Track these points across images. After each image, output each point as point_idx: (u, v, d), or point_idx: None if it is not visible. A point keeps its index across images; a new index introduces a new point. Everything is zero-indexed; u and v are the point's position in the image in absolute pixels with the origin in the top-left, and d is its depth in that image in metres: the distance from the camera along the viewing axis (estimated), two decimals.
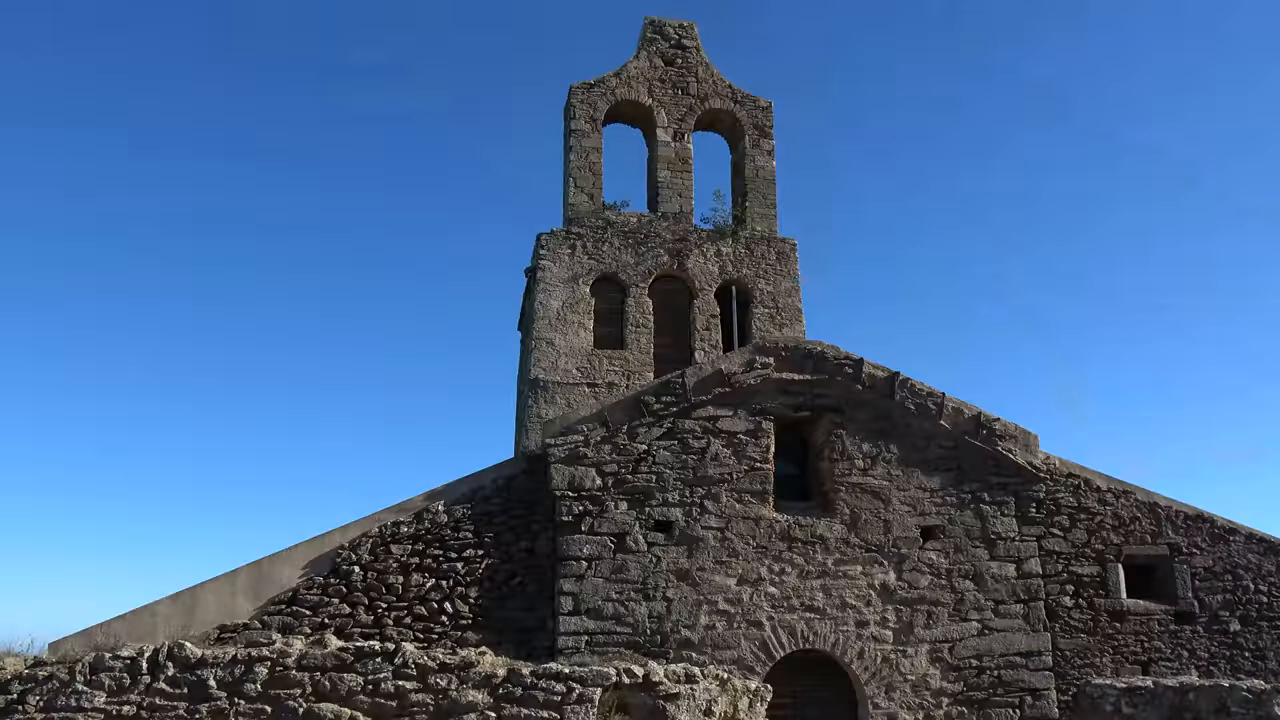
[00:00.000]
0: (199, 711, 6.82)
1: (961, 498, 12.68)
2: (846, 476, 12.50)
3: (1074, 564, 12.89)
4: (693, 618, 11.66)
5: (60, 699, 6.68)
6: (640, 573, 11.72)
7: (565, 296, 16.97)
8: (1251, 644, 13.05)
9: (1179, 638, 12.89)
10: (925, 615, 12.15)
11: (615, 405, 12.40)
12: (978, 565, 12.45)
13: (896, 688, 11.82)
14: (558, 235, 17.41)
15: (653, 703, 7.34)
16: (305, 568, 11.54)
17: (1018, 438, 12.96)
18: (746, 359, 12.66)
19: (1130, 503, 13.35)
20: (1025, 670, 12.15)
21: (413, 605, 11.52)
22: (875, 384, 12.79)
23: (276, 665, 7.04)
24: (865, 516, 12.39)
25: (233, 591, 11.29)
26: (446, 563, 11.75)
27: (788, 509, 12.41)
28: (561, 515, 11.84)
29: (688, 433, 12.33)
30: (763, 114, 18.89)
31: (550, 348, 16.66)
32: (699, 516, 12.03)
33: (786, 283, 17.89)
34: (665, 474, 12.12)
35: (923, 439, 12.81)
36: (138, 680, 6.88)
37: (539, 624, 11.69)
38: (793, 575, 12.01)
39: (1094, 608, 12.77)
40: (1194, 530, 13.39)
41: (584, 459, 12.05)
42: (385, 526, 11.83)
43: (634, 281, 17.28)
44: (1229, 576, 13.28)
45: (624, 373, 16.65)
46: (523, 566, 11.90)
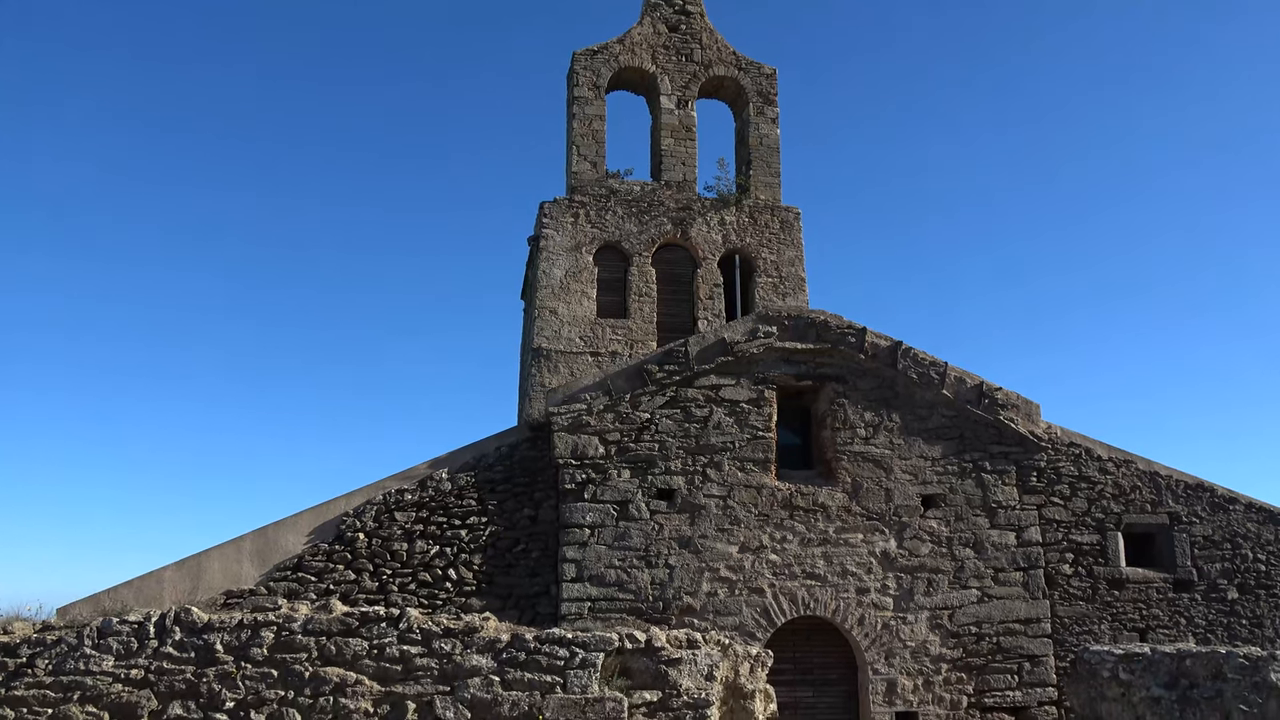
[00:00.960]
0: (206, 675, 6.90)
1: (963, 466, 12.72)
2: (848, 445, 12.54)
3: (1074, 532, 12.96)
4: (695, 584, 11.75)
5: (69, 662, 6.76)
6: (643, 540, 11.81)
7: (568, 265, 16.93)
8: (1249, 612, 13.15)
9: (1177, 605, 12.99)
10: (925, 583, 12.24)
11: (618, 374, 12.42)
12: (978, 533, 12.53)
13: (896, 654, 11.94)
14: (560, 204, 17.33)
15: (655, 667, 7.42)
16: (310, 534, 11.63)
17: (1019, 407, 12.97)
18: (749, 328, 12.65)
19: (1131, 472, 13.40)
20: (1024, 637, 12.27)
21: (417, 572, 11.63)
22: (878, 353, 12.79)
23: (282, 630, 7.11)
24: (867, 485, 12.45)
25: (239, 558, 11.40)
26: (450, 530, 11.84)
27: (789, 477, 12.47)
28: (564, 483, 11.90)
29: (690, 401, 12.36)
30: (767, 81, 18.71)
31: (553, 317, 16.65)
32: (701, 485, 12.09)
33: (790, 252, 17.81)
34: (668, 442, 12.17)
35: (925, 408, 12.83)
36: (145, 644, 6.96)
37: (542, 590, 11.80)
38: (794, 543, 12.09)
39: (1093, 576, 12.86)
40: (1194, 499, 13.45)
41: (587, 427, 12.09)
42: (389, 494, 11.91)
43: (637, 250, 17.22)
44: (1228, 545, 13.35)
45: (627, 342, 16.65)
46: (526, 534, 11.99)
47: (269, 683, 6.93)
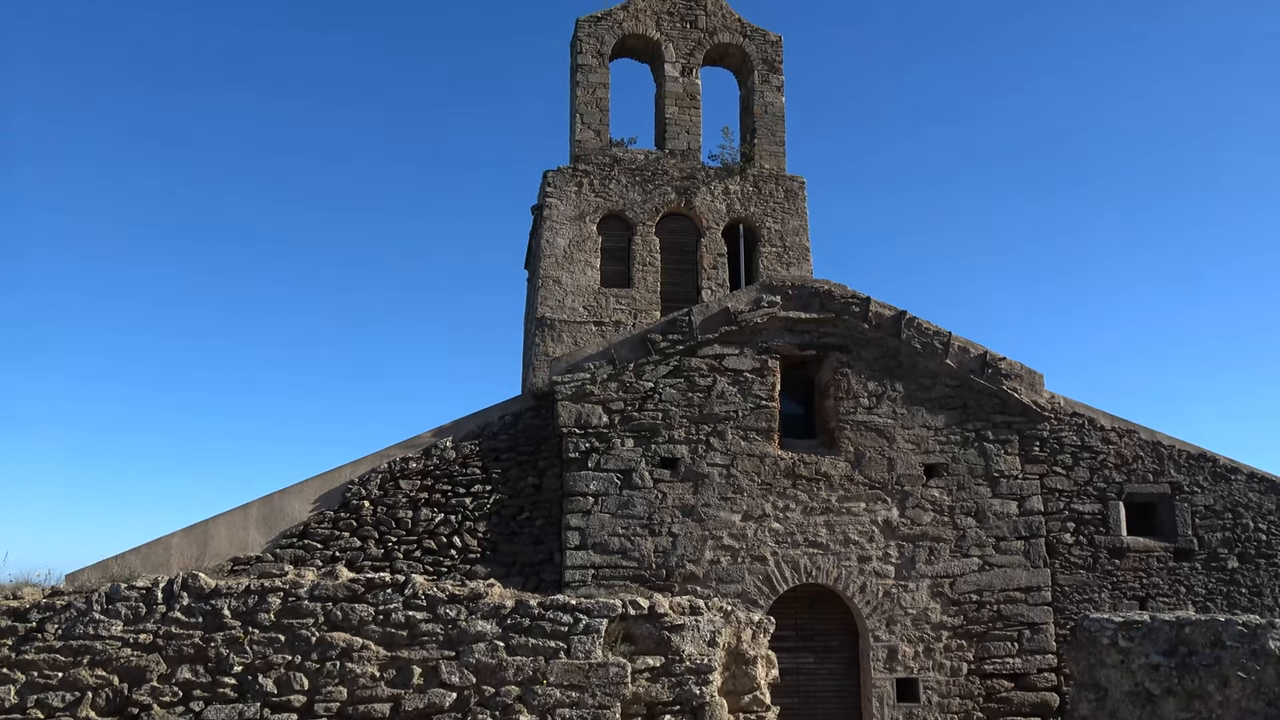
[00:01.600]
0: (214, 640, 6.98)
1: (965, 436, 12.74)
2: (851, 415, 12.56)
3: (1075, 502, 13.01)
4: (698, 552, 11.83)
5: (78, 627, 6.84)
6: (646, 508, 11.87)
7: (572, 235, 16.87)
8: (1249, 581, 13.22)
9: (1177, 574, 13.06)
10: (927, 551, 12.31)
11: (622, 343, 12.42)
12: (980, 503, 12.57)
13: (897, 621, 12.04)
14: (564, 173, 17.24)
15: (658, 633, 7.48)
16: (316, 502, 11.71)
17: (1023, 377, 12.97)
18: (753, 297, 12.62)
19: (1133, 441, 13.41)
20: (1024, 605, 12.35)
21: (422, 539, 11.71)
22: (881, 323, 12.77)
23: (289, 596, 7.17)
24: (869, 454, 12.48)
25: (245, 525, 11.49)
26: (455, 498, 11.91)
27: (793, 446, 12.50)
28: (568, 452, 11.95)
29: (694, 371, 12.37)
30: (772, 48, 18.51)
31: (557, 286, 16.62)
32: (705, 453, 12.13)
33: (794, 221, 17.73)
34: (671, 411, 12.19)
35: (928, 378, 12.83)
36: (153, 610, 7.03)
37: (546, 558, 11.89)
38: (797, 511, 12.15)
39: (1094, 545, 12.92)
40: (1196, 469, 13.47)
41: (591, 396, 12.11)
42: (394, 462, 11.97)
43: (641, 220, 17.15)
44: (1229, 514, 13.40)
45: (631, 311, 16.63)
46: (530, 502, 12.06)
47: (276, 647, 7.00)
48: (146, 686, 6.76)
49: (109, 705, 6.71)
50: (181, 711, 6.75)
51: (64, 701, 6.66)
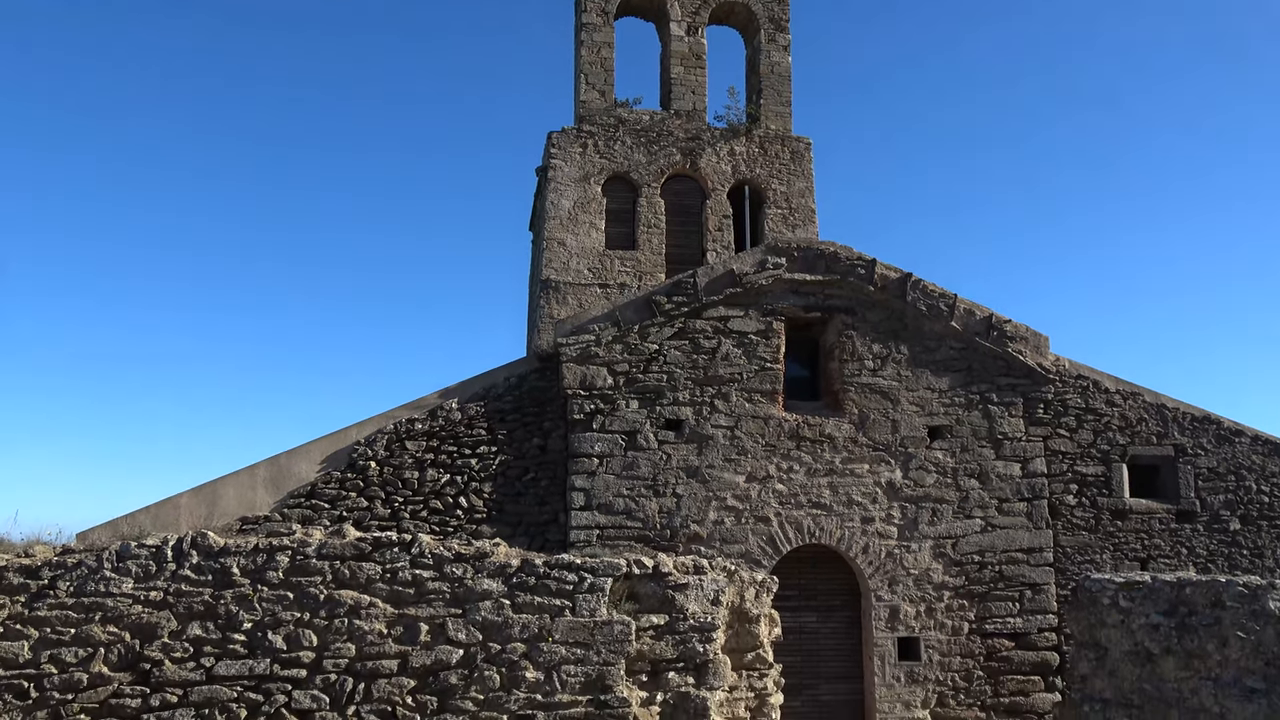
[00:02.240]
0: (224, 597, 7.06)
1: (970, 398, 12.75)
2: (856, 377, 12.56)
3: (1079, 464, 13.04)
4: (702, 513, 11.91)
5: (89, 584, 6.92)
6: (651, 470, 11.93)
7: (576, 196, 16.77)
8: (1250, 542, 13.28)
9: (1179, 536, 13.13)
10: (930, 512, 12.38)
11: (626, 305, 12.40)
12: (983, 464, 12.61)
13: (899, 581, 12.14)
14: (569, 134, 17.09)
15: (662, 592, 7.55)
16: (323, 462, 11.79)
17: (1028, 339, 12.94)
18: (758, 259, 12.57)
19: (1138, 404, 13.41)
20: (1026, 566, 12.44)
21: (428, 499, 11.80)
22: (887, 285, 12.72)
23: (297, 554, 7.24)
24: (874, 416, 12.50)
25: (253, 485, 11.58)
26: (460, 459, 11.98)
27: (797, 408, 12.53)
28: (573, 413, 11.99)
29: (699, 333, 12.36)
30: (779, 7, 18.23)
31: (561, 248, 16.56)
32: (709, 415, 12.16)
33: (800, 183, 17.60)
34: (676, 373, 12.20)
35: (933, 340, 12.80)
36: (163, 567, 7.10)
37: (551, 518, 11.98)
38: (800, 473, 12.20)
39: (1096, 506, 12.97)
40: (1200, 431, 13.48)
41: (595, 358, 12.12)
42: (400, 423, 12.02)
43: (646, 181, 17.03)
44: (1232, 477, 13.43)
45: (635, 273, 16.58)
46: (535, 463, 12.12)
47: (285, 604, 7.09)
48: (158, 643, 6.86)
49: (121, 661, 6.81)
50: (193, 667, 6.85)
51: (77, 657, 6.76)
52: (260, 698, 6.84)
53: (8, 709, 6.55)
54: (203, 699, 6.80)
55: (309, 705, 6.86)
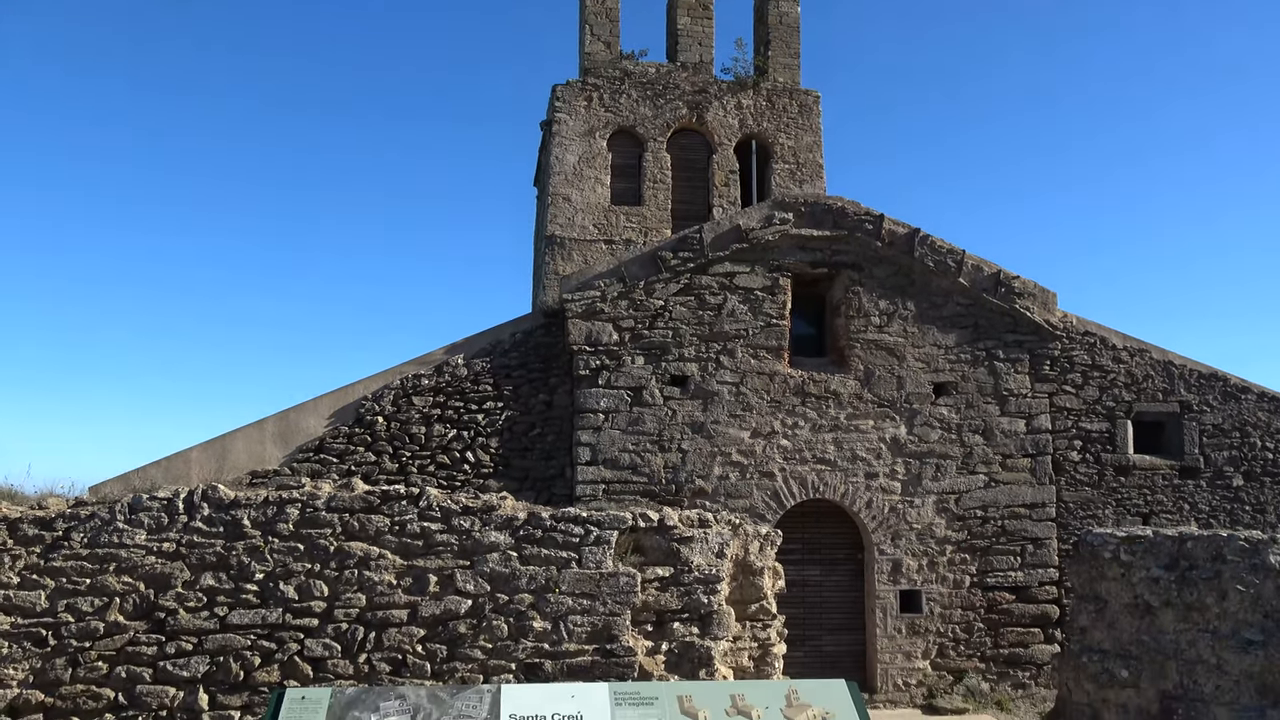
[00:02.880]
0: (235, 549, 7.16)
1: (976, 355, 12.74)
2: (862, 333, 12.55)
3: (1084, 420, 13.06)
4: (707, 468, 11.99)
5: (103, 536, 7.02)
6: (656, 425, 11.99)
7: (581, 151, 16.63)
8: (1253, 498, 13.34)
9: (1181, 491, 13.19)
10: (934, 468, 12.44)
11: (632, 261, 12.36)
12: (988, 421, 12.64)
13: (902, 535, 12.25)
14: (573, 87, 16.90)
15: (667, 545, 7.64)
16: (330, 418, 11.87)
17: (1036, 295, 12.89)
18: (765, 214, 12.49)
19: (1145, 361, 13.39)
20: (1029, 521, 12.53)
21: (435, 454, 11.89)
22: (895, 240, 12.64)
23: (307, 507, 7.32)
24: (879, 372, 12.51)
25: (262, 440, 11.68)
26: (467, 414, 12.05)
27: (802, 365, 12.54)
28: (579, 369, 12.01)
29: (704, 289, 12.33)
30: None
31: (566, 204, 16.47)
32: (714, 371, 12.18)
33: (808, 137, 17.42)
34: (681, 329, 12.20)
35: (940, 296, 12.76)
36: (175, 519, 7.19)
37: (558, 473, 12.07)
38: (805, 429, 12.25)
39: (1100, 462, 13.02)
40: (1206, 388, 13.47)
41: (601, 314, 12.12)
42: (406, 379, 12.07)
43: (652, 135, 16.87)
44: (1236, 434, 13.45)
45: (641, 229, 16.50)
46: (541, 418, 12.19)
47: (295, 556, 7.18)
48: (172, 593, 6.98)
49: (136, 610, 6.93)
50: (207, 616, 6.98)
51: (93, 606, 6.88)
52: (273, 646, 6.97)
53: (27, 656, 6.70)
54: (217, 647, 6.93)
55: (321, 653, 6.99)
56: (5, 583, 6.80)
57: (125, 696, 6.75)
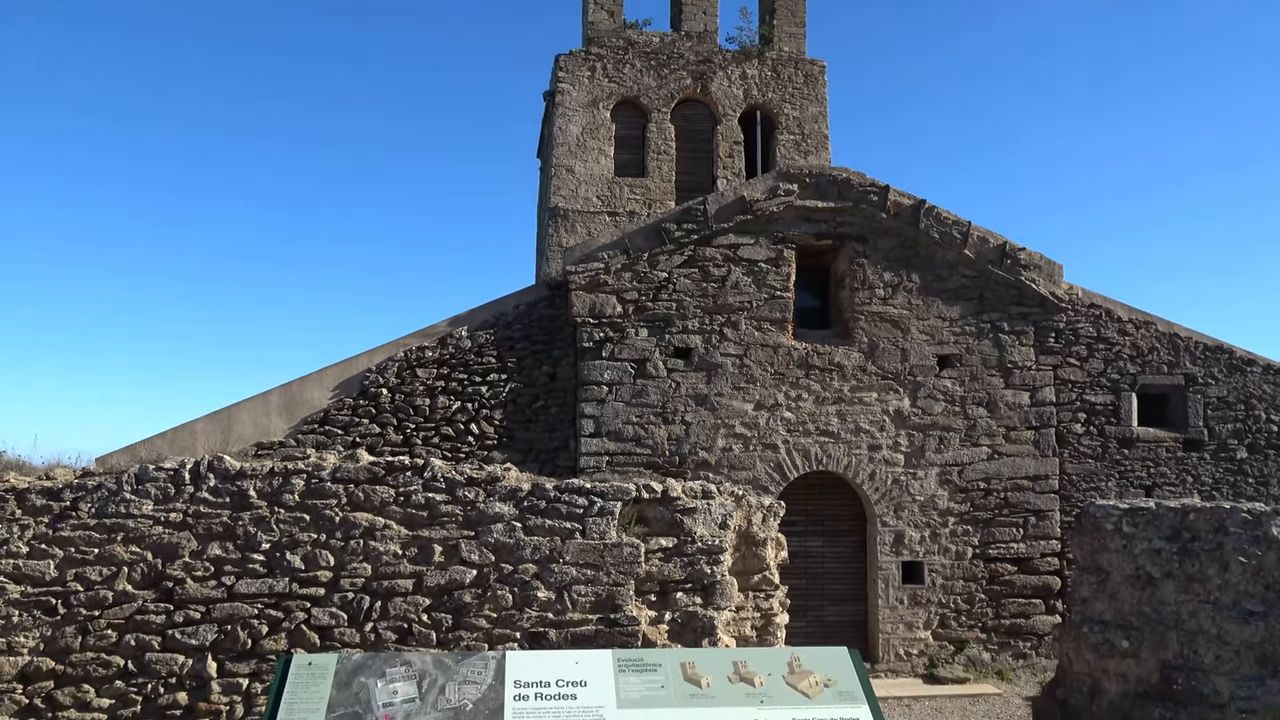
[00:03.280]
0: (241, 519, 7.20)
1: (981, 327, 12.71)
2: (866, 305, 12.52)
3: (1088, 393, 13.05)
4: (710, 440, 12.01)
5: (110, 506, 7.06)
6: (660, 397, 12.00)
7: (585, 122, 16.52)
8: (1256, 471, 13.35)
9: (1185, 464, 13.20)
10: (937, 440, 12.46)
11: (636, 233, 12.32)
12: (992, 393, 12.64)
13: (905, 507, 12.29)
14: (576, 56, 16.75)
15: (671, 516, 7.67)
16: (335, 389, 11.90)
17: (1042, 267, 12.83)
18: (769, 185, 12.42)
19: (1150, 333, 13.35)
20: (1031, 493, 12.56)
21: (440, 426, 11.93)
22: (900, 212, 12.57)
23: (312, 478, 7.35)
24: (883, 345, 12.49)
25: (266, 411, 11.71)
26: (471, 386, 12.07)
27: (806, 337, 12.52)
28: (582, 341, 12.01)
29: (708, 260, 12.29)
30: None
31: (570, 175, 16.38)
32: (718, 344, 12.17)
33: (813, 108, 17.28)
34: (685, 301, 12.18)
35: (945, 268, 12.71)
36: (181, 490, 7.23)
37: (561, 445, 12.11)
38: (809, 401, 12.26)
39: (1104, 435, 13.03)
40: (1212, 361, 13.44)
41: (605, 286, 12.09)
42: (410, 351, 12.08)
43: (656, 106, 16.74)
44: (1241, 406, 13.43)
45: (645, 201, 16.43)
46: (545, 391, 12.20)
47: (301, 526, 7.22)
48: (179, 562, 7.03)
49: (144, 579, 6.99)
50: (214, 585, 7.03)
51: (101, 575, 6.94)
52: (280, 615, 7.03)
53: (37, 624, 6.76)
54: (225, 615, 6.99)
55: (328, 622, 7.05)
56: (14, 552, 6.85)
57: (135, 664, 6.82)
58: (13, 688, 6.64)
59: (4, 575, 6.79)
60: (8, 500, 6.94)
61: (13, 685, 6.65)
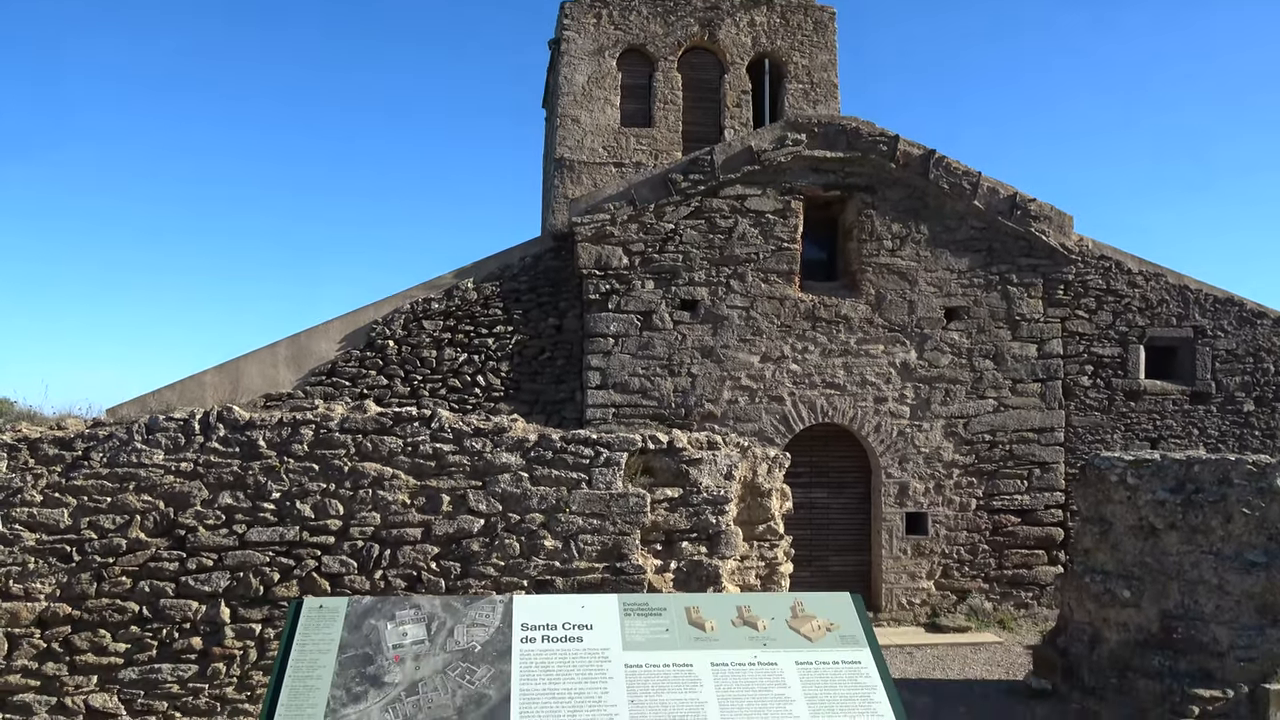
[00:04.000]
0: (251, 469, 7.26)
1: (989, 279, 12.64)
2: (874, 257, 12.44)
3: (1096, 345, 13.02)
4: (716, 392, 12.04)
5: (121, 455, 7.13)
6: (666, 349, 12.01)
7: (590, 71, 16.29)
8: (1263, 424, 13.35)
9: (1191, 417, 13.20)
10: (943, 392, 12.46)
11: (642, 183, 12.22)
12: (999, 345, 12.61)
13: (910, 459, 12.34)
14: (582, 3, 16.47)
15: (676, 466, 7.71)
16: (342, 341, 11.93)
17: (1052, 219, 12.71)
18: (777, 135, 12.28)
19: (1160, 285, 13.27)
20: (1036, 445, 12.60)
21: (447, 378, 11.97)
22: (909, 162, 12.43)
23: (321, 428, 7.40)
24: (890, 297, 12.45)
25: (274, 363, 11.76)
26: (477, 338, 12.09)
27: (813, 289, 12.48)
28: (589, 293, 11.99)
29: (715, 212, 12.21)
30: None
31: (575, 125, 16.21)
32: (724, 296, 12.14)
33: (823, 56, 17.00)
34: (692, 253, 12.12)
35: (954, 219, 12.61)
36: (192, 440, 7.29)
37: (568, 396, 12.16)
38: (815, 353, 12.26)
39: (1110, 387, 13.02)
40: (1222, 313, 13.37)
41: (611, 238, 12.03)
42: (417, 303, 12.08)
43: (662, 54, 16.50)
44: (1250, 359, 13.39)
45: (651, 152, 16.27)
46: (551, 343, 12.22)
47: (311, 476, 7.29)
48: (191, 510, 7.11)
49: (157, 527, 7.08)
50: (226, 534, 7.12)
51: (114, 524, 7.03)
52: (291, 562, 7.13)
53: (53, 571, 6.87)
54: (237, 563, 7.09)
55: (338, 569, 7.15)
56: (29, 500, 6.94)
57: (149, 610, 6.94)
58: (31, 632, 6.78)
59: (19, 523, 6.89)
60: (20, 450, 7.01)
61: (31, 630, 6.78)
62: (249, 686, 6.97)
